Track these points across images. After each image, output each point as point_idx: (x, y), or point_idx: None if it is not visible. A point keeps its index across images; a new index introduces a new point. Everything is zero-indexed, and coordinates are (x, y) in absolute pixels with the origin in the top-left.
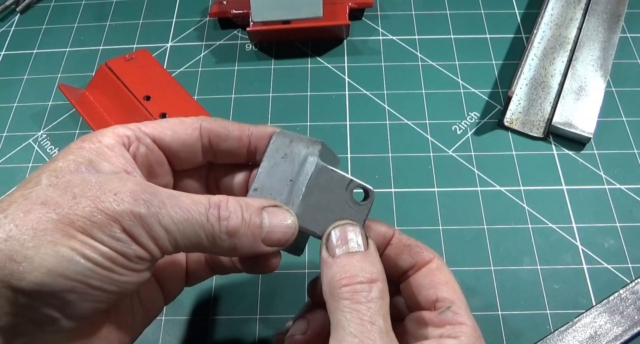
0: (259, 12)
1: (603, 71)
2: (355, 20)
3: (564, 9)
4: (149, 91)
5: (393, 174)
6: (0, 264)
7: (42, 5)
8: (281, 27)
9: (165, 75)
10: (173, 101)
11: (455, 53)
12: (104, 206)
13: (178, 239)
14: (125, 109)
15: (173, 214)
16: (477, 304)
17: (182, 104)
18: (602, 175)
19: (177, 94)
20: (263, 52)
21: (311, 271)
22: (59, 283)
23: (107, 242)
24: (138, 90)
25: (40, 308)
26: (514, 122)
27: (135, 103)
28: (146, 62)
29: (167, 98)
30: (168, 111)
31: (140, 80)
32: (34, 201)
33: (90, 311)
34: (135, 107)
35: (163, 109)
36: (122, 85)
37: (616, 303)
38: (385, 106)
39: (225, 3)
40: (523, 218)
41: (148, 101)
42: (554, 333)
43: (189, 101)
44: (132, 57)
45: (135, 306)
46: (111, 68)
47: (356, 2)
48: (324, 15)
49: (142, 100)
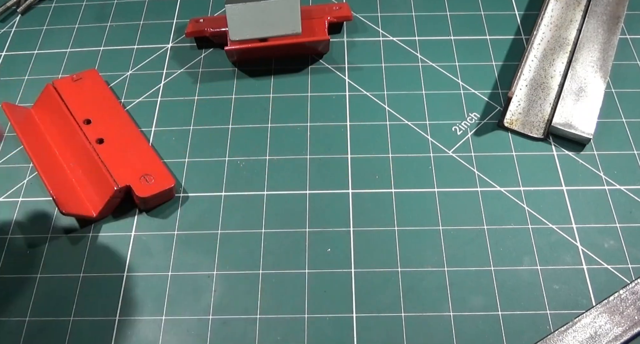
0: (236, 31)
1: (603, 72)
2: (336, 34)
3: (563, 10)
4: (91, 114)
5: (393, 175)
6: None
7: (43, 6)
8: (259, 45)
9: (109, 98)
10: (113, 126)
11: (456, 54)
12: None
13: None
14: (65, 131)
15: None
16: (477, 304)
17: (122, 130)
18: (602, 176)
19: (118, 118)
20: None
21: (311, 271)
22: None
23: None
24: (80, 113)
25: None
26: (513, 123)
27: (75, 127)
28: (93, 84)
29: (107, 123)
30: (106, 137)
31: (83, 102)
32: None
33: None
34: (74, 131)
35: (101, 134)
36: (64, 106)
37: (616, 303)
38: (385, 107)
39: (202, 21)
40: (523, 219)
41: (88, 125)
42: (554, 333)
43: (129, 126)
44: (80, 77)
45: None
46: (57, 88)
47: (335, 16)
48: (302, 31)
49: (81, 123)
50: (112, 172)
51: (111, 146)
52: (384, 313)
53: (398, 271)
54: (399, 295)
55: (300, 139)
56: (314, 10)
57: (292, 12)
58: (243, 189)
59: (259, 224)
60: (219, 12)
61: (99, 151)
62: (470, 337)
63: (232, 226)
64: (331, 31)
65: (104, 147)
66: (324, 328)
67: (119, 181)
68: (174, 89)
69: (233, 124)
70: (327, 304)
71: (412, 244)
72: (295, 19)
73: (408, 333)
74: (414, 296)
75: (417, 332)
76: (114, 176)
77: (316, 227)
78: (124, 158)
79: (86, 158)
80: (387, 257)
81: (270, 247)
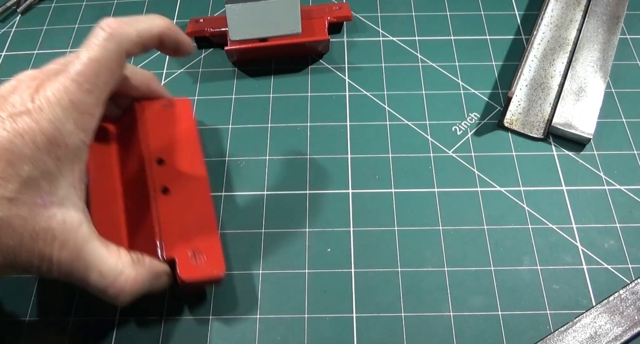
0: (236, 31)
1: (603, 72)
2: (336, 34)
3: (563, 10)
4: (166, 152)
5: (393, 175)
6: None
7: (43, 6)
8: (259, 45)
9: (191, 137)
10: (184, 173)
11: (456, 54)
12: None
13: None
14: (132, 165)
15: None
16: (477, 304)
17: (192, 180)
18: (602, 176)
19: (193, 164)
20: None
21: (311, 271)
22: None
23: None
24: (156, 148)
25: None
26: (514, 123)
27: (145, 163)
28: (181, 115)
29: (180, 168)
30: (173, 186)
31: (163, 135)
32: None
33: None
34: (142, 169)
35: (169, 182)
36: (143, 135)
37: (616, 303)
38: (385, 107)
39: (202, 21)
40: (523, 219)
41: (159, 166)
42: (554, 333)
43: (200, 177)
44: (170, 104)
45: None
46: (143, 110)
47: (335, 16)
48: (302, 31)
49: (154, 161)
50: (163, 235)
51: (174, 199)
52: (384, 313)
53: (398, 271)
54: (399, 295)
55: (300, 139)
56: (314, 10)
57: (292, 12)
58: (243, 189)
59: (259, 224)
60: (219, 12)
61: (160, 202)
62: (470, 337)
63: (232, 226)
64: (331, 31)
65: (166, 199)
66: (324, 328)
67: (167, 250)
68: (174, 89)
69: (233, 124)
70: (327, 304)
71: (412, 244)
72: (295, 19)
73: (408, 333)
74: (414, 296)
75: (417, 332)
76: (164, 241)
77: (316, 227)
78: (183, 220)
79: (141, 205)
80: (387, 257)
81: (270, 247)
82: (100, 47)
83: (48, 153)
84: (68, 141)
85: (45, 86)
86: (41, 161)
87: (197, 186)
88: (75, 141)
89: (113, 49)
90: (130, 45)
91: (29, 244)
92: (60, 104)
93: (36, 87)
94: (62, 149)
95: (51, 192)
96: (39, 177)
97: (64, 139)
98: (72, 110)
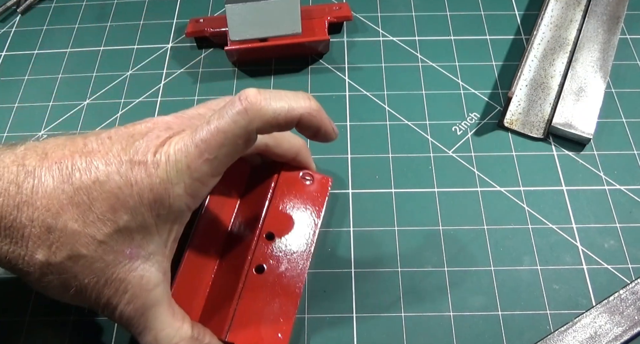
0: (236, 31)
1: (603, 72)
2: (336, 34)
3: (563, 10)
4: (280, 228)
5: (393, 175)
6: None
7: (43, 6)
8: (259, 45)
9: (313, 218)
10: (287, 252)
11: (456, 54)
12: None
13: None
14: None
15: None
16: (477, 304)
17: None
18: (602, 176)
19: (301, 244)
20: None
21: (311, 271)
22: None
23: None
24: (272, 221)
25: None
26: (514, 123)
27: (252, 232)
28: (316, 193)
29: (287, 246)
30: (269, 265)
31: (286, 210)
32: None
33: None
34: (247, 236)
35: (266, 260)
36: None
37: (616, 303)
38: (385, 107)
39: (202, 21)
40: (523, 219)
41: (267, 241)
42: (554, 333)
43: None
44: (312, 178)
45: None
46: (279, 175)
47: (335, 16)
48: (302, 31)
49: (262, 235)
50: (236, 316)
51: (266, 280)
52: (384, 313)
53: (398, 271)
54: (399, 295)
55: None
56: (314, 10)
57: (292, 12)
58: None
59: None
60: (219, 12)
61: (249, 280)
62: (470, 337)
63: None
64: (331, 31)
65: (258, 278)
66: (324, 328)
67: (232, 333)
68: (174, 89)
69: None
70: (327, 304)
71: (412, 244)
72: (295, 19)
73: (408, 333)
74: (414, 296)
75: (417, 332)
76: (234, 324)
77: None
78: (263, 307)
79: (231, 275)
80: (387, 257)
81: None
82: (231, 120)
83: (150, 209)
84: (173, 203)
85: (172, 141)
86: (141, 214)
87: (293, 272)
88: (180, 205)
89: (243, 126)
90: (262, 124)
91: (101, 288)
92: (177, 166)
93: (163, 141)
94: (165, 209)
95: (141, 246)
96: (133, 229)
97: (170, 201)
98: (186, 175)
